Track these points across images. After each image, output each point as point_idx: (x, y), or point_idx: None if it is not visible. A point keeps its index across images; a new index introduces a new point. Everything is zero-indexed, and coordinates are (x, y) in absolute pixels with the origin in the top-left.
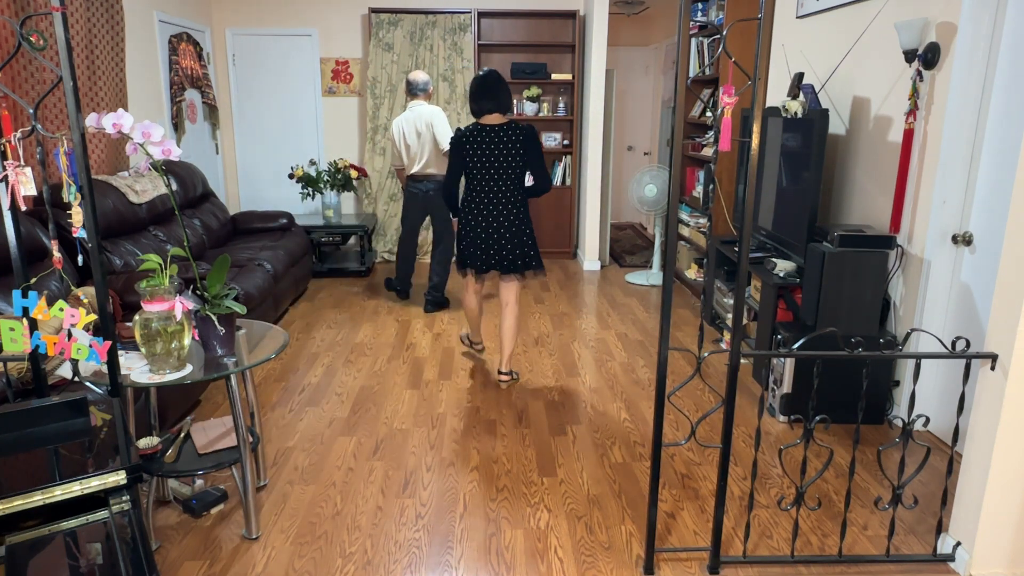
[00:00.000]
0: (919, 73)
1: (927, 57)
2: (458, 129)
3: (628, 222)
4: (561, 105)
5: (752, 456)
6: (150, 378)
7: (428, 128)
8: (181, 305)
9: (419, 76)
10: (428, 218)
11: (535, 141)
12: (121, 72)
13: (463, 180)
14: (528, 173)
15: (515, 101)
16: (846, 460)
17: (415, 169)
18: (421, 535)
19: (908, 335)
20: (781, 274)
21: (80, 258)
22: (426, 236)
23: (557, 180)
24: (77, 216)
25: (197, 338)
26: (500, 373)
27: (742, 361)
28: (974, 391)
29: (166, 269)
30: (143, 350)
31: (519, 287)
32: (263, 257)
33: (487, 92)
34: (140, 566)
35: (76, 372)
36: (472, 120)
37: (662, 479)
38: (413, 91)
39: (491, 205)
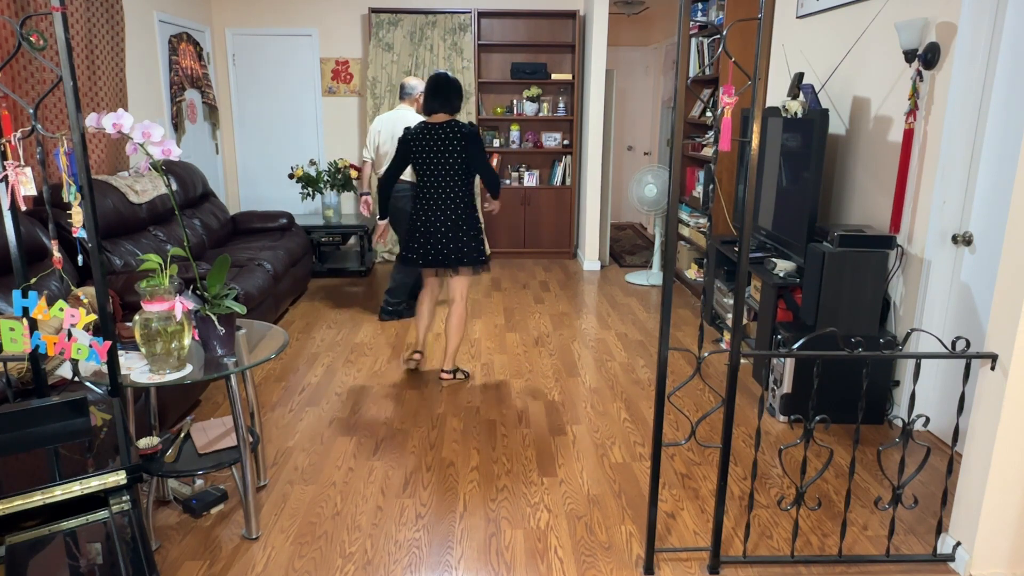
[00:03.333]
0: (919, 73)
1: (927, 57)
2: (407, 128)
3: (628, 222)
4: (561, 105)
5: (752, 456)
6: (150, 378)
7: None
8: (181, 305)
9: (409, 81)
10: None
11: (475, 140)
12: (121, 72)
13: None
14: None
15: (515, 101)
16: (846, 460)
17: (380, 171)
18: (421, 535)
19: (908, 335)
20: (781, 274)
21: (80, 258)
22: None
23: (557, 180)
24: (77, 216)
25: (197, 338)
26: (442, 371)
27: (742, 361)
28: (974, 391)
29: (166, 269)
30: (143, 350)
31: (465, 284)
32: (263, 257)
33: (438, 93)
34: (140, 566)
35: (76, 372)
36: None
37: (662, 479)
38: (402, 95)
39: (432, 200)
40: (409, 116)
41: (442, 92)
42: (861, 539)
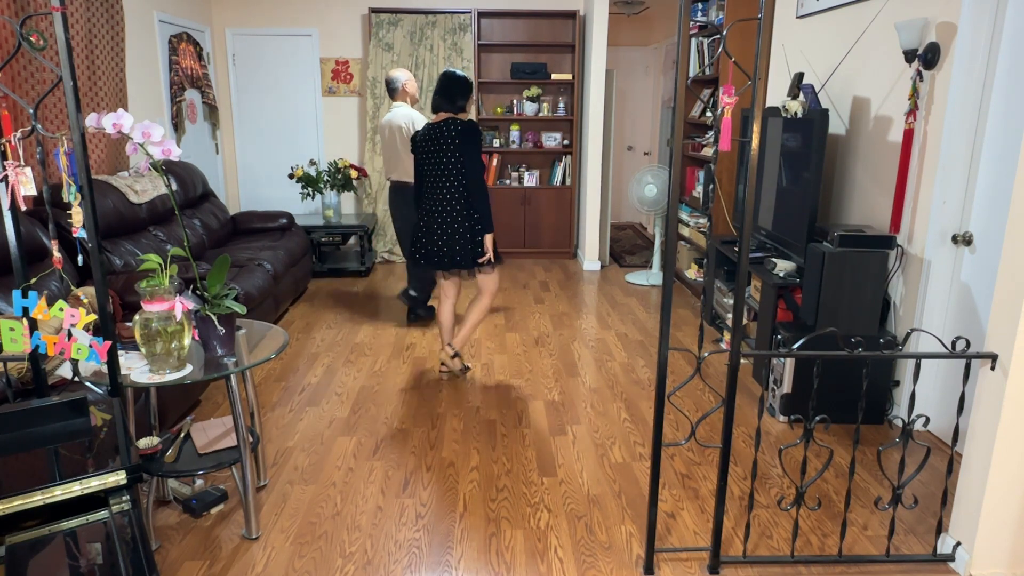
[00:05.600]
0: (919, 73)
1: (927, 57)
2: (416, 131)
3: (628, 222)
4: (561, 105)
5: (752, 456)
6: (150, 378)
7: (392, 133)
8: (181, 305)
9: (391, 74)
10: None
11: (469, 136)
12: (121, 72)
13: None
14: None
15: (515, 101)
16: (846, 460)
17: (393, 176)
18: (421, 535)
19: (908, 335)
20: (781, 274)
21: (80, 258)
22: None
23: (557, 180)
24: (77, 216)
25: (197, 338)
26: (447, 345)
27: (742, 361)
28: (974, 391)
29: (166, 269)
30: (143, 350)
31: (488, 280)
32: (263, 257)
33: (442, 91)
34: (140, 566)
35: (76, 372)
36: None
37: (662, 479)
38: (390, 92)
39: (432, 200)
40: (401, 112)
41: (445, 90)
42: (861, 539)
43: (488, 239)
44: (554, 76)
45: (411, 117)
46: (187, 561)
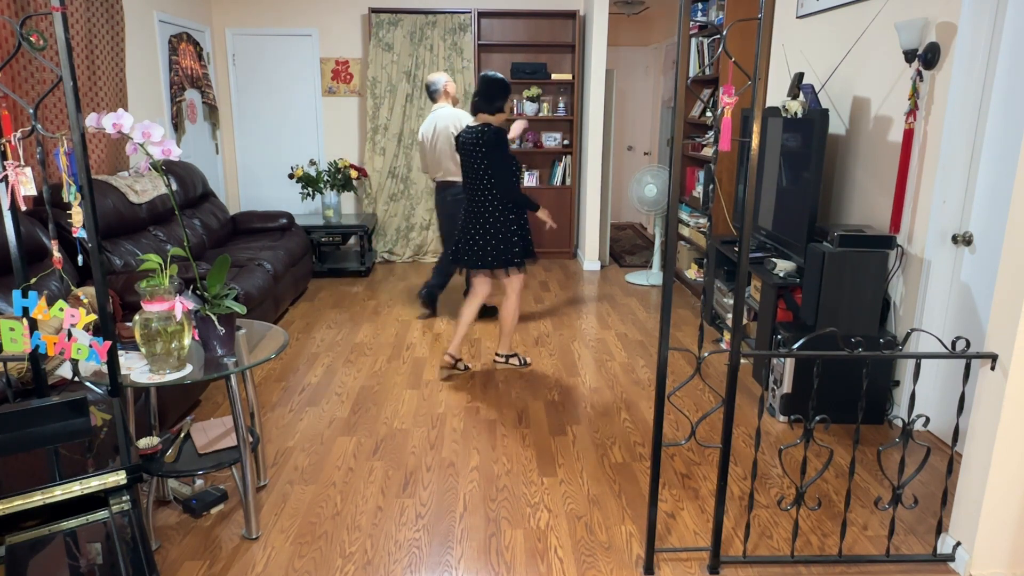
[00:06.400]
0: (919, 73)
1: (927, 57)
2: (460, 131)
3: (628, 222)
4: (561, 105)
5: (752, 456)
6: (150, 378)
7: (436, 135)
8: (181, 305)
9: (430, 77)
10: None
11: (495, 144)
12: (121, 72)
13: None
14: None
15: (515, 101)
16: (846, 460)
17: (428, 173)
18: (421, 535)
19: (908, 335)
20: (781, 274)
21: (80, 258)
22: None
23: (557, 180)
24: (77, 216)
25: (197, 338)
26: (496, 354)
27: (742, 361)
28: (974, 391)
29: (166, 269)
30: (143, 350)
31: (512, 281)
32: (263, 257)
33: (480, 93)
34: (140, 566)
35: (76, 372)
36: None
37: (662, 479)
38: (430, 95)
39: (469, 201)
40: (444, 113)
41: (484, 93)
42: (861, 539)
43: (541, 213)
44: (554, 76)
45: (456, 116)
46: (187, 561)
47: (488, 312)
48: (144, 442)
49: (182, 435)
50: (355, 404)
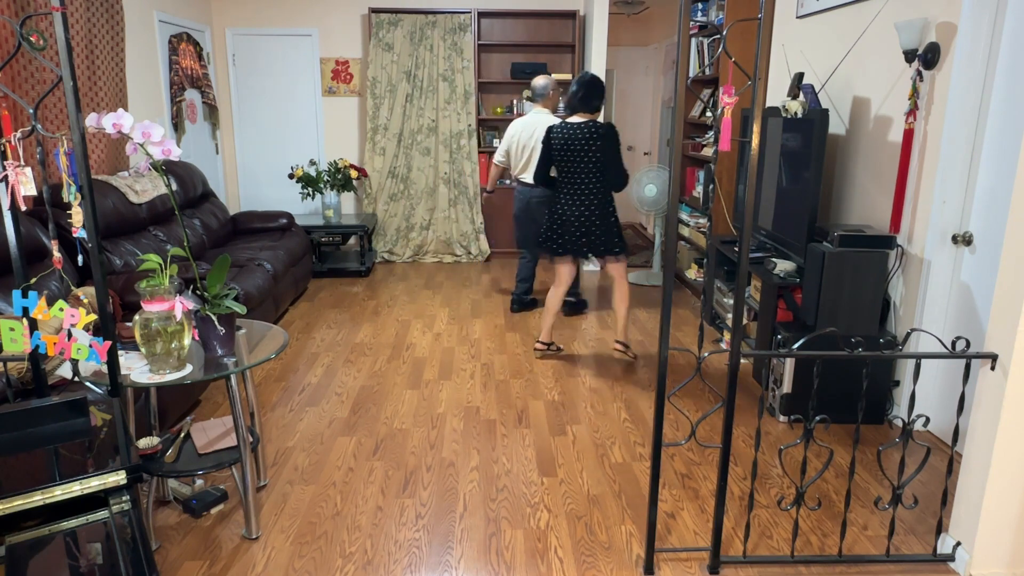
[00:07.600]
0: (919, 73)
1: (927, 57)
2: (550, 127)
3: (628, 222)
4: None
5: (752, 456)
6: (150, 378)
7: (535, 138)
8: (181, 305)
9: (538, 82)
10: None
11: (614, 138)
12: (121, 72)
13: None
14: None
15: (515, 101)
16: (846, 460)
17: (516, 173)
18: (421, 535)
19: (908, 335)
20: (781, 274)
21: (80, 258)
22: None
23: None
24: (77, 216)
25: (197, 338)
26: (616, 341)
27: (742, 361)
28: (974, 391)
29: (166, 269)
30: (143, 350)
31: (617, 267)
32: (263, 257)
33: (581, 93)
34: (140, 566)
35: (76, 372)
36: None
37: (662, 479)
38: (534, 97)
39: (569, 195)
40: (544, 119)
41: (584, 93)
42: (861, 539)
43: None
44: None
45: (552, 122)
46: (187, 561)
47: (525, 305)
48: (144, 442)
49: (182, 435)
50: (355, 404)
